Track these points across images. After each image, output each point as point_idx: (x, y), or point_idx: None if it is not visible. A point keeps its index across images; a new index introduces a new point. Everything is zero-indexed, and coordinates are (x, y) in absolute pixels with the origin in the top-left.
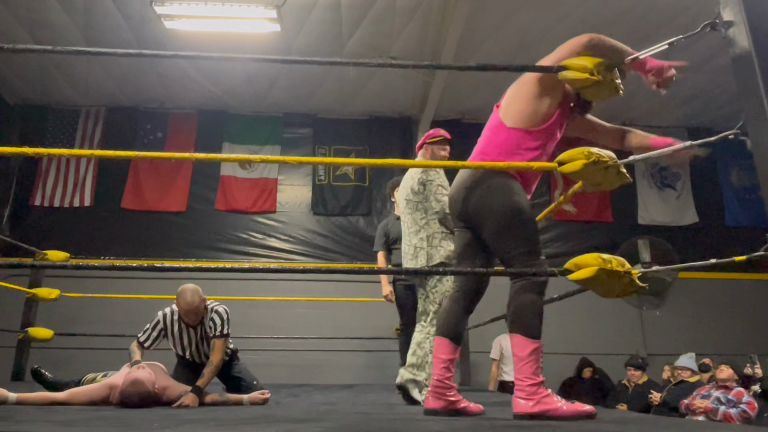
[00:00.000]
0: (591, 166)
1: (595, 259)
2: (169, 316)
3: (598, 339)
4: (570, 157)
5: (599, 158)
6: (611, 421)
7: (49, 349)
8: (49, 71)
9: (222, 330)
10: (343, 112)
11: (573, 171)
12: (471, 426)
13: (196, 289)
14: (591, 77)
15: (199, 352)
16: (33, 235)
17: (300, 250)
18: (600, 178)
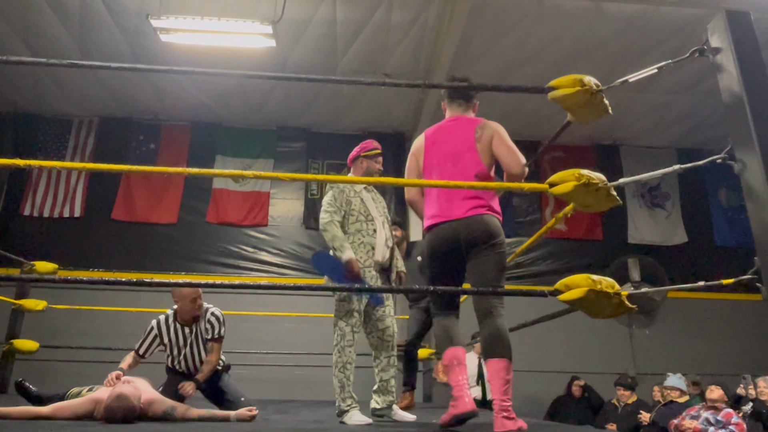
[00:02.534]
0: (581, 188)
1: (584, 280)
2: (162, 320)
3: (588, 357)
4: (561, 179)
5: (590, 180)
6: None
7: (33, 361)
8: (42, 80)
9: (219, 332)
10: (336, 126)
11: (564, 192)
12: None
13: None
14: (582, 88)
15: (193, 355)
16: (21, 244)
17: (291, 264)
18: (590, 199)
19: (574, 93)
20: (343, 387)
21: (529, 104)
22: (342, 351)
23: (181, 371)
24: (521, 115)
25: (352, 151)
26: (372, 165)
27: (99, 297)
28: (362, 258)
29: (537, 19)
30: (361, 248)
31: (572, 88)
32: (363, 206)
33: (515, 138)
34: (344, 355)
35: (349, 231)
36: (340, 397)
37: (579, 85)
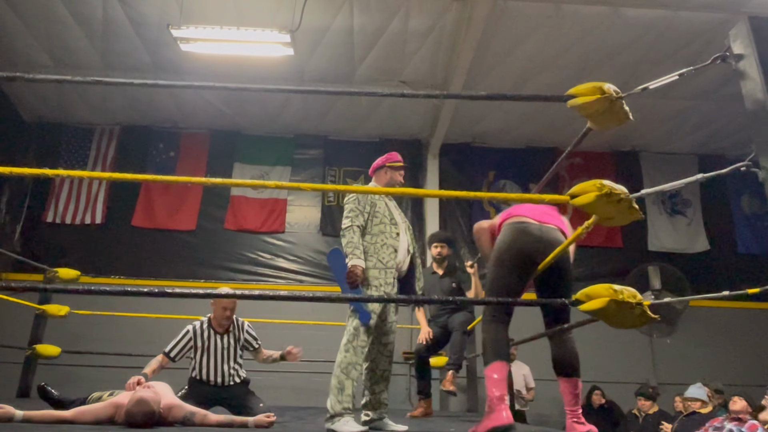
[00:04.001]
0: (603, 199)
1: (606, 289)
2: (198, 326)
3: (608, 367)
4: (582, 190)
5: (612, 191)
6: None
7: (55, 366)
8: (65, 90)
9: (259, 341)
10: (353, 134)
11: (585, 204)
12: None
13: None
14: (602, 96)
15: (220, 363)
16: (44, 251)
17: (308, 271)
18: (612, 211)
19: (594, 101)
20: (342, 389)
21: (546, 110)
22: (354, 350)
23: (204, 380)
24: (539, 122)
25: (376, 160)
26: (396, 177)
27: (120, 303)
28: (385, 259)
29: (554, 25)
30: (384, 249)
31: (592, 96)
32: (387, 210)
33: (533, 144)
34: (354, 355)
35: (372, 232)
36: (335, 399)
37: (599, 93)
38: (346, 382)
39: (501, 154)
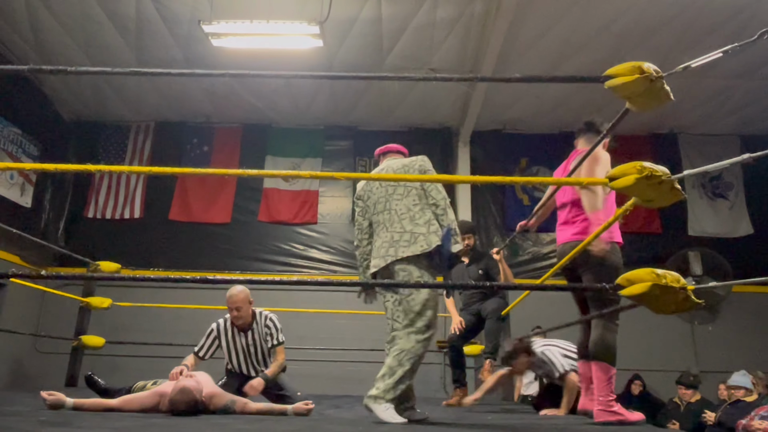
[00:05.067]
0: (643, 181)
1: (648, 274)
2: (222, 324)
3: (648, 355)
4: (622, 172)
5: (652, 173)
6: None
7: (100, 357)
8: (101, 89)
9: (278, 338)
10: (383, 124)
11: (625, 186)
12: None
13: (243, 289)
14: (641, 76)
15: (250, 358)
16: (86, 245)
17: (341, 261)
18: (652, 193)
19: (633, 81)
20: (402, 379)
21: (580, 94)
22: (425, 343)
23: (238, 373)
24: (572, 106)
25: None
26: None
27: (159, 295)
28: None
29: (587, 5)
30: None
31: (631, 76)
32: None
33: (567, 129)
34: (424, 348)
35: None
36: (391, 383)
37: (638, 73)
38: (399, 371)
39: (533, 140)
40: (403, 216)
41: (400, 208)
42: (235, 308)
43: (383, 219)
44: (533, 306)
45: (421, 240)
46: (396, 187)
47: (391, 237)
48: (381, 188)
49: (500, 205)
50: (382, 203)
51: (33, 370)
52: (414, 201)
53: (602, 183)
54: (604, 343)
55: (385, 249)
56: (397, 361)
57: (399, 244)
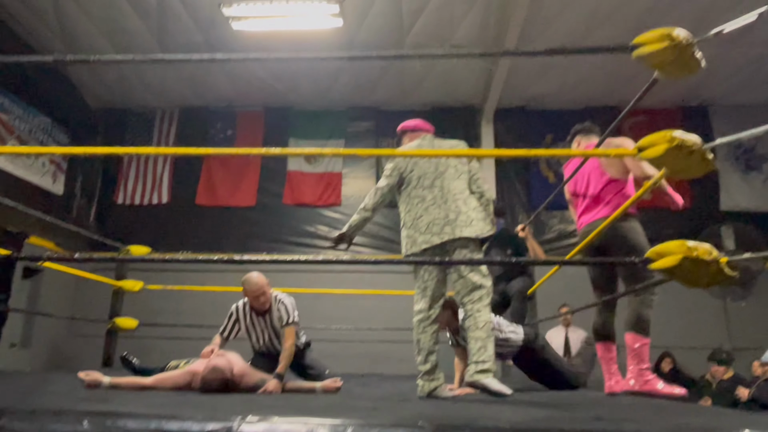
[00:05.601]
0: (674, 151)
1: (679, 246)
2: (240, 307)
3: (679, 332)
4: (651, 142)
5: (683, 142)
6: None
7: (134, 338)
8: (126, 76)
9: (290, 319)
10: (405, 103)
11: (655, 156)
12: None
13: (260, 274)
14: (671, 43)
15: (271, 341)
16: (117, 231)
17: (366, 243)
18: (683, 164)
19: (662, 49)
20: (487, 347)
21: (606, 68)
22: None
23: (263, 352)
24: (598, 80)
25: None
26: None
27: (188, 278)
28: None
29: None
30: None
31: (660, 44)
32: None
33: (593, 104)
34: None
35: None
36: (485, 356)
37: (667, 40)
38: (489, 341)
39: (558, 116)
40: (457, 196)
41: (453, 187)
42: (260, 293)
43: (432, 195)
44: (560, 285)
45: (475, 224)
46: (448, 167)
47: (445, 215)
48: (430, 164)
49: (524, 184)
50: (430, 179)
51: (70, 352)
52: (464, 185)
53: (631, 154)
54: (639, 317)
55: (439, 227)
56: (486, 333)
57: (456, 224)
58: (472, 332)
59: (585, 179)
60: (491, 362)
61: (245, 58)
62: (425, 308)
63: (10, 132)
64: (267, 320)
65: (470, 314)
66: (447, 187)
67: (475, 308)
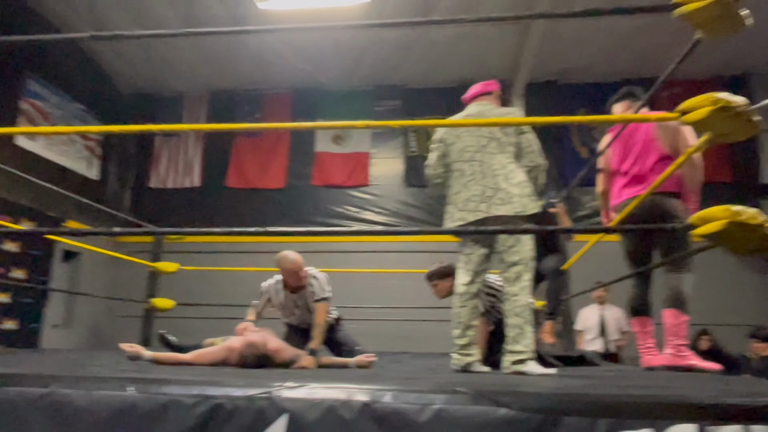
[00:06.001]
0: (719, 113)
1: (723, 211)
2: (272, 285)
3: (717, 309)
4: (694, 105)
5: (728, 104)
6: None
7: (171, 318)
8: (155, 61)
9: (322, 294)
10: (432, 81)
11: (698, 120)
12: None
13: (295, 254)
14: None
15: (303, 316)
16: (151, 214)
17: (394, 222)
18: (728, 127)
19: (706, 5)
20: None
21: (640, 39)
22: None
23: (296, 328)
24: (633, 51)
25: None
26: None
27: (221, 260)
28: None
29: None
30: None
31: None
32: None
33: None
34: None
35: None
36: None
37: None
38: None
39: (592, 89)
40: (497, 172)
41: (493, 162)
42: (299, 269)
43: (472, 170)
44: (594, 264)
45: (515, 201)
46: (490, 139)
47: (482, 191)
48: (472, 136)
49: (557, 159)
50: (471, 152)
51: (110, 332)
52: (509, 159)
53: (673, 118)
54: (678, 294)
55: (475, 204)
56: (523, 318)
57: (492, 201)
58: (509, 318)
59: (634, 155)
60: (529, 349)
61: (274, 28)
62: (467, 282)
63: (45, 118)
64: (300, 296)
65: (507, 297)
66: (488, 162)
67: (512, 290)
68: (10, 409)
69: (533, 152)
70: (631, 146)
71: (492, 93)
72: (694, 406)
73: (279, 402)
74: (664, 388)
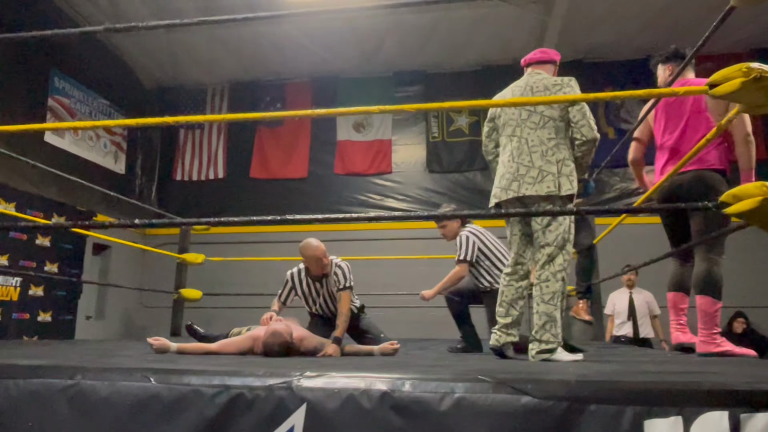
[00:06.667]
0: (751, 84)
1: (758, 188)
2: (296, 274)
3: (752, 290)
4: (724, 77)
5: (761, 74)
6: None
7: (199, 308)
8: (177, 54)
9: (346, 283)
10: (454, 65)
11: (729, 92)
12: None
13: (318, 241)
14: None
15: (327, 305)
16: (176, 206)
17: (417, 209)
18: (763, 98)
19: None
20: (555, 321)
21: (667, 15)
22: (565, 280)
23: (320, 316)
24: (661, 26)
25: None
26: None
27: (247, 250)
28: None
29: None
30: None
31: None
32: None
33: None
34: (565, 284)
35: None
36: (550, 333)
37: None
38: (556, 313)
39: (618, 67)
40: (534, 149)
41: (532, 138)
42: (322, 256)
43: (511, 146)
44: (623, 246)
45: (549, 180)
46: (531, 113)
47: (516, 169)
48: (514, 109)
49: None
50: (512, 127)
51: (141, 322)
52: (550, 134)
53: (702, 91)
54: (711, 276)
55: (507, 181)
56: (553, 305)
57: (524, 180)
58: (536, 305)
59: (680, 128)
60: (558, 339)
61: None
62: (511, 263)
63: (72, 115)
64: (323, 284)
65: (536, 283)
66: (526, 137)
67: (543, 276)
68: (36, 400)
69: (584, 125)
70: (678, 117)
71: (548, 62)
72: (726, 393)
73: (298, 391)
74: (695, 374)
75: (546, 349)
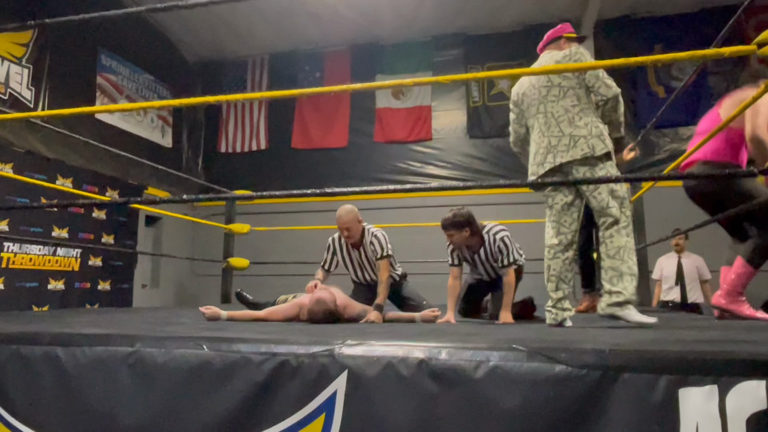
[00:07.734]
0: None
1: None
2: (336, 240)
3: None
4: None
5: None
6: None
7: (247, 276)
8: (217, 28)
9: (383, 252)
10: (494, 26)
11: None
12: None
13: (351, 207)
14: None
15: (367, 271)
16: (222, 178)
17: (458, 176)
18: None
19: None
20: (621, 275)
21: None
22: (629, 235)
23: (362, 283)
24: None
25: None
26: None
27: (291, 219)
28: None
29: None
30: None
31: None
32: None
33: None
34: (631, 239)
35: None
36: (617, 287)
37: None
38: (623, 267)
39: (668, 22)
40: (561, 119)
41: (557, 110)
42: (345, 228)
43: (538, 123)
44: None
45: (581, 143)
46: (550, 87)
47: (548, 142)
48: (534, 89)
49: (631, 101)
50: (535, 106)
51: (193, 290)
52: (572, 102)
53: (749, 51)
54: (758, 247)
55: (542, 156)
56: (620, 260)
57: (557, 150)
58: (603, 261)
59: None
60: (629, 292)
61: None
62: (552, 235)
63: (120, 92)
64: (362, 252)
65: (602, 242)
66: (550, 110)
67: (606, 234)
68: (101, 366)
69: (600, 86)
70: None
71: (557, 40)
72: (763, 363)
73: (340, 359)
74: (732, 343)
75: (616, 302)
